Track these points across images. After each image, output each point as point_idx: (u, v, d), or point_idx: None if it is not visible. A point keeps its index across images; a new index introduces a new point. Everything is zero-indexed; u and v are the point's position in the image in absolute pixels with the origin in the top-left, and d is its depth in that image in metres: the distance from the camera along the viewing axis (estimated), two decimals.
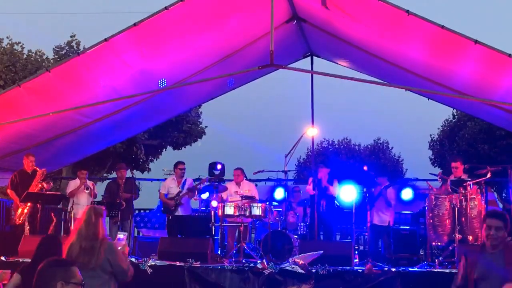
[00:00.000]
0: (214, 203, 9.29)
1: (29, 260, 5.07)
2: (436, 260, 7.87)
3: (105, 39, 7.36)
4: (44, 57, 17.35)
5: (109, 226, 9.84)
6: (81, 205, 9.64)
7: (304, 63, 11.60)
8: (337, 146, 28.87)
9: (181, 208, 9.51)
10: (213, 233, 9.51)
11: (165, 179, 10.67)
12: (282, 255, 8.32)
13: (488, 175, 8.03)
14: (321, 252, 7.27)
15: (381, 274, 6.94)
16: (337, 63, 11.21)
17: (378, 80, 9.94)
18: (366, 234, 10.07)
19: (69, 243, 4.54)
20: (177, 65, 8.96)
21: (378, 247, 9.92)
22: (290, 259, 7.37)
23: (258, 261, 7.41)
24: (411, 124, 69.46)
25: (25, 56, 16.95)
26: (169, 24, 7.65)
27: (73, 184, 10.00)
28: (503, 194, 17.26)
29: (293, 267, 7.06)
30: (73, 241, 4.53)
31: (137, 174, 17.85)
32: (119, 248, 4.69)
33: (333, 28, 8.99)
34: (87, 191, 9.80)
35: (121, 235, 4.98)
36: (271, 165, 10.62)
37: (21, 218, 8.85)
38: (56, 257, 3.62)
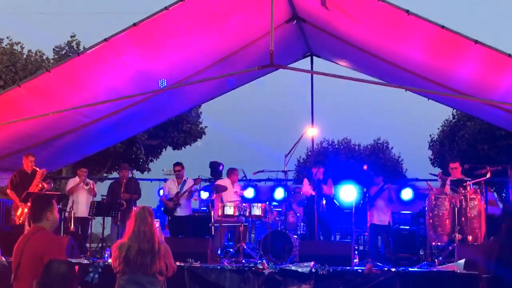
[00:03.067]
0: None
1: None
2: (436, 260, 7.88)
3: (105, 39, 7.37)
4: (44, 57, 17.34)
5: (110, 226, 9.85)
6: (80, 204, 9.64)
7: (304, 63, 11.62)
8: (337, 146, 28.86)
9: (179, 209, 9.51)
10: (213, 233, 9.51)
11: (165, 179, 10.68)
12: (282, 255, 8.33)
13: (488, 175, 8.03)
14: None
15: (381, 274, 6.93)
16: (337, 63, 11.21)
17: (378, 80, 9.94)
18: (366, 234, 10.07)
19: (122, 244, 4.43)
20: (177, 65, 8.96)
21: (378, 247, 9.91)
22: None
23: (258, 261, 7.41)
24: (411, 124, 69.40)
25: (25, 56, 16.94)
26: (169, 24, 7.66)
27: (73, 181, 10.02)
28: (503, 194, 17.26)
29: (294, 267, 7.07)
30: (129, 243, 4.40)
31: (137, 174, 17.84)
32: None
33: (333, 28, 8.99)
34: (86, 187, 9.80)
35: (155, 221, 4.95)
36: (271, 165, 10.63)
37: (21, 218, 8.84)
38: (67, 260, 3.63)
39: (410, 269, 7.32)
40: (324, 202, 9.32)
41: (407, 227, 10.33)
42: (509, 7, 79.03)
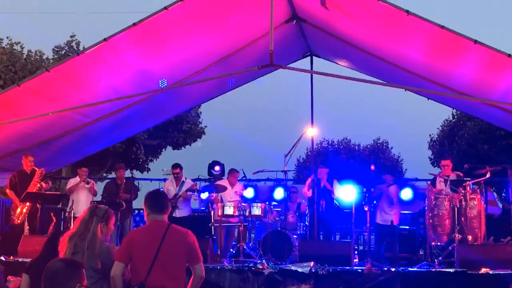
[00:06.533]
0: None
1: (29, 260, 5.02)
2: (435, 260, 7.88)
3: (105, 39, 7.35)
4: (44, 57, 17.34)
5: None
6: (80, 203, 9.62)
7: (304, 63, 11.61)
8: (337, 146, 28.84)
9: (178, 210, 9.51)
10: (213, 233, 9.51)
11: (164, 179, 10.68)
12: (282, 255, 8.33)
13: (488, 175, 8.03)
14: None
15: (380, 274, 6.94)
16: (337, 63, 11.21)
17: (378, 80, 9.94)
18: (366, 234, 10.07)
19: (65, 240, 4.43)
20: (177, 65, 8.96)
21: (380, 247, 9.91)
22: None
23: (258, 261, 7.41)
24: (411, 124, 69.46)
25: (24, 56, 16.94)
26: (169, 24, 7.65)
27: (73, 181, 10.02)
28: (503, 194, 17.26)
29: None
30: (68, 238, 4.44)
31: (137, 174, 17.85)
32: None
33: (332, 28, 8.99)
34: (87, 186, 9.79)
35: None
36: (271, 165, 10.63)
37: (20, 218, 8.85)
38: (68, 258, 3.61)
39: (410, 269, 7.32)
40: (324, 202, 9.35)
41: (407, 227, 10.33)
42: (509, 7, 79.05)
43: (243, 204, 8.85)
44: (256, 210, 8.71)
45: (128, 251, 3.97)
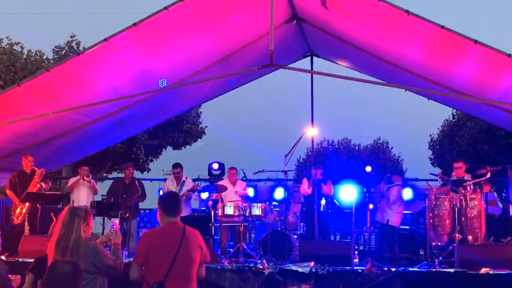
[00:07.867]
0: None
1: (29, 260, 4.99)
2: (436, 260, 7.88)
3: (105, 39, 7.36)
4: (44, 57, 17.32)
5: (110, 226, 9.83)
6: (81, 202, 9.61)
7: (304, 63, 11.62)
8: (337, 146, 28.82)
9: None
10: (213, 233, 9.50)
11: (164, 179, 10.67)
12: (282, 255, 8.33)
13: (488, 175, 8.04)
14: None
15: (381, 274, 6.94)
16: (337, 63, 11.21)
17: (378, 80, 9.94)
18: (366, 234, 10.07)
19: (51, 242, 4.38)
20: (177, 65, 8.96)
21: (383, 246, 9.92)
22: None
23: (258, 261, 7.42)
24: (411, 124, 69.41)
25: (24, 56, 16.92)
26: (169, 24, 7.66)
27: (73, 179, 10.04)
28: (503, 194, 17.25)
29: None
30: (54, 240, 4.38)
31: (137, 174, 17.83)
32: (112, 231, 4.62)
33: (333, 28, 9.00)
34: (87, 179, 9.77)
35: (116, 220, 4.94)
36: (271, 165, 10.63)
37: (20, 218, 8.85)
38: (71, 260, 3.62)
39: (410, 269, 7.33)
40: (323, 202, 9.34)
41: (407, 227, 10.33)
42: (509, 7, 79.02)
43: (243, 204, 8.85)
44: (257, 210, 8.71)
45: (146, 253, 4.11)
